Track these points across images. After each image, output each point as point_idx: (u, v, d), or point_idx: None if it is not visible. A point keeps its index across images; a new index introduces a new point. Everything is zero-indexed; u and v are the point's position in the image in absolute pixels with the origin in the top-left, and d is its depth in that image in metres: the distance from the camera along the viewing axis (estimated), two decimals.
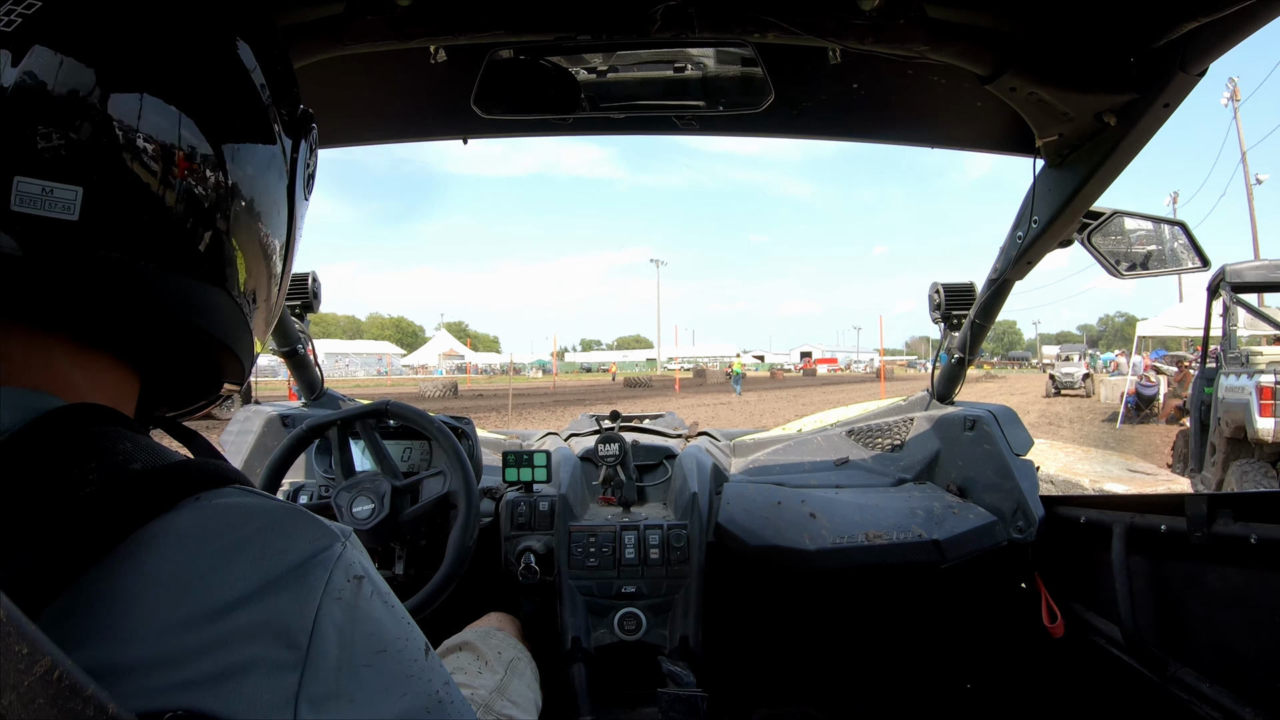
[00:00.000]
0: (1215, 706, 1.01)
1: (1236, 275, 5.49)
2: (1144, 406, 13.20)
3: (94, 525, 0.35)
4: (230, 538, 0.38)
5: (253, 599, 0.36)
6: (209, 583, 0.36)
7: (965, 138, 1.43)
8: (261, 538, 0.38)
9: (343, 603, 0.38)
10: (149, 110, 0.42)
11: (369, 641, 0.39)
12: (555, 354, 69.27)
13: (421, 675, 0.41)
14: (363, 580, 0.40)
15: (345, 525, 0.44)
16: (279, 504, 0.41)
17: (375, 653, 0.39)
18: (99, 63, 0.41)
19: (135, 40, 0.43)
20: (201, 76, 0.46)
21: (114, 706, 0.29)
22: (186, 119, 0.44)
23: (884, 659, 1.77)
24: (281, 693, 0.35)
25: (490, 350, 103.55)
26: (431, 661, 0.42)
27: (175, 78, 0.44)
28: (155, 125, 0.43)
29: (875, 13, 0.97)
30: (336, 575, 0.39)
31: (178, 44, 0.45)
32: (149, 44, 0.44)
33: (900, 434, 1.75)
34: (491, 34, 1.01)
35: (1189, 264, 1.44)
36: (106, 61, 0.41)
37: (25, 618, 0.29)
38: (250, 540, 0.38)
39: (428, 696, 0.40)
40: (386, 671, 0.39)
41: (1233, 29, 0.89)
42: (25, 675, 0.28)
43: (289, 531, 0.39)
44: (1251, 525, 0.95)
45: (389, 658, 0.39)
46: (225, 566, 0.37)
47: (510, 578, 1.46)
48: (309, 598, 0.37)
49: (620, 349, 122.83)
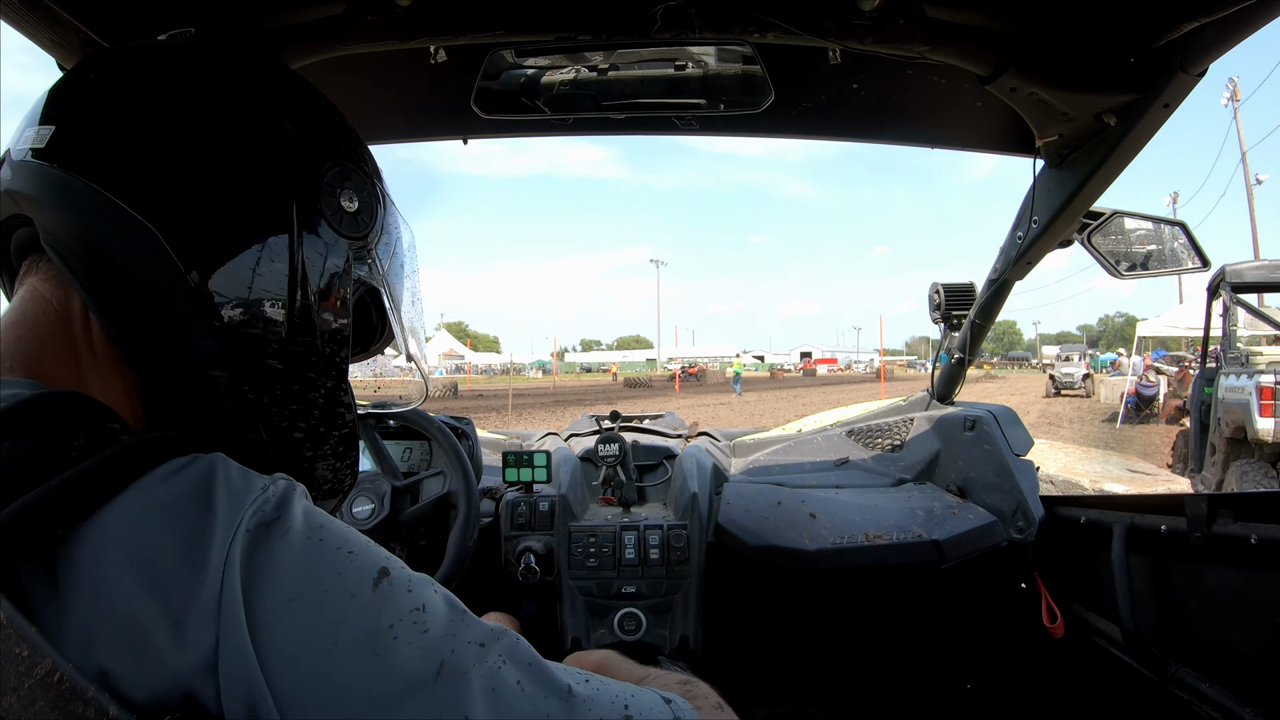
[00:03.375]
0: (1215, 706, 1.01)
1: (1236, 275, 5.49)
2: (1144, 407, 13.19)
3: (77, 484, 0.35)
4: (158, 507, 0.37)
5: (172, 569, 0.36)
6: (133, 553, 0.36)
7: (965, 138, 1.43)
8: (183, 503, 0.38)
9: (245, 556, 0.36)
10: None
11: (280, 590, 0.36)
12: (555, 354, 69.27)
13: (362, 612, 0.37)
14: (274, 524, 0.38)
15: (282, 475, 0.43)
16: (209, 462, 0.40)
17: (287, 602, 0.36)
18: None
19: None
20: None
21: (114, 708, 0.29)
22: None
23: (884, 659, 1.77)
24: (195, 654, 0.34)
25: (490, 350, 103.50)
26: (386, 591, 0.38)
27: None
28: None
29: (875, 13, 0.97)
30: (242, 528, 0.37)
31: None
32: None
33: (900, 434, 1.75)
34: (491, 34, 1.01)
35: (1189, 264, 1.44)
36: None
37: (25, 620, 0.29)
38: (172, 506, 0.38)
39: (370, 634, 0.37)
40: (301, 619, 0.36)
41: (1233, 29, 0.89)
42: (26, 677, 0.28)
43: (208, 491, 0.38)
44: (1251, 525, 0.95)
45: (304, 604, 0.36)
46: (150, 536, 0.36)
47: (510, 578, 1.46)
48: (215, 560, 0.36)
49: (620, 349, 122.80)
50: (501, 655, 0.40)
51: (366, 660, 0.36)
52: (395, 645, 0.37)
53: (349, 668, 0.35)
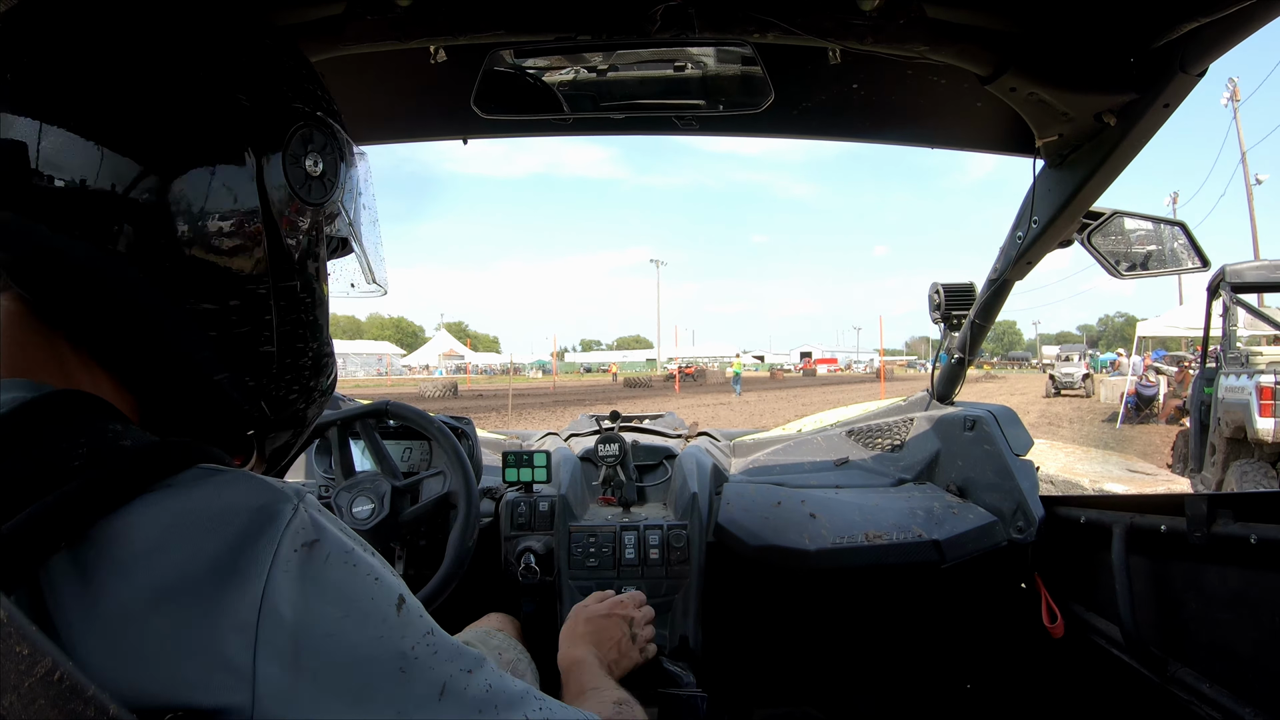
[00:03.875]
0: (1215, 706, 1.01)
1: (1236, 275, 5.49)
2: (1144, 407, 13.19)
3: (81, 495, 0.35)
4: (187, 517, 0.37)
5: (203, 581, 0.36)
6: (161, 565, 0.36)
7: (965, 138, 1.43)
8: (214, 515, 0.38)
9: (291, 574, 0.38)
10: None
11: (329, 609, 0.38)
12: (555, 354, 69.28)
13: (391, 634, 0.40)
14: (316, 544, 0.39)
15: (298, 485, 0.44)
16: (234, 477, 0.40)
17: (337, 619, 0.38)
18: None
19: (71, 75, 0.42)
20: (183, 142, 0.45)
21: (114, 707, 0.29)
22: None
23: (884, 659, 1.77)
24: (239, 678, 0.35)
25: (490, 350, 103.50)
26: (406, 616, 0.42)
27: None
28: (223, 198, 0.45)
29: (875, 13, 0.97)
30: (284, 546, 0.38)
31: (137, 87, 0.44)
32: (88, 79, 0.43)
33: (900, 434, 1.75)
34: (491, 34, 1.01)
35: (1189, 264, 1.44)
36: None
37: (26, 619, 0.29)
38: (202, 518, 0.37)
39: (399, 655, 0.40)
40: (348, 639, 0.38)
41: (1233, 29, 0.89)
42: (26, 676, 0.28)
43: (239, 506, 0.39)
44: (1251, 525, 0.95)
45: (352, 622, 0.39)
46: (178, 548, 0.36)
47: (510, 578, 1.46)
48: (256, 574, 0.37)
49: (620, 349, 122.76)
50: (470, 672, 0.44)
51: (395, 679, 0.39)
52: (416, 665, 0.40)
53: (384, 686, 0.38)
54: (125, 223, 0.43)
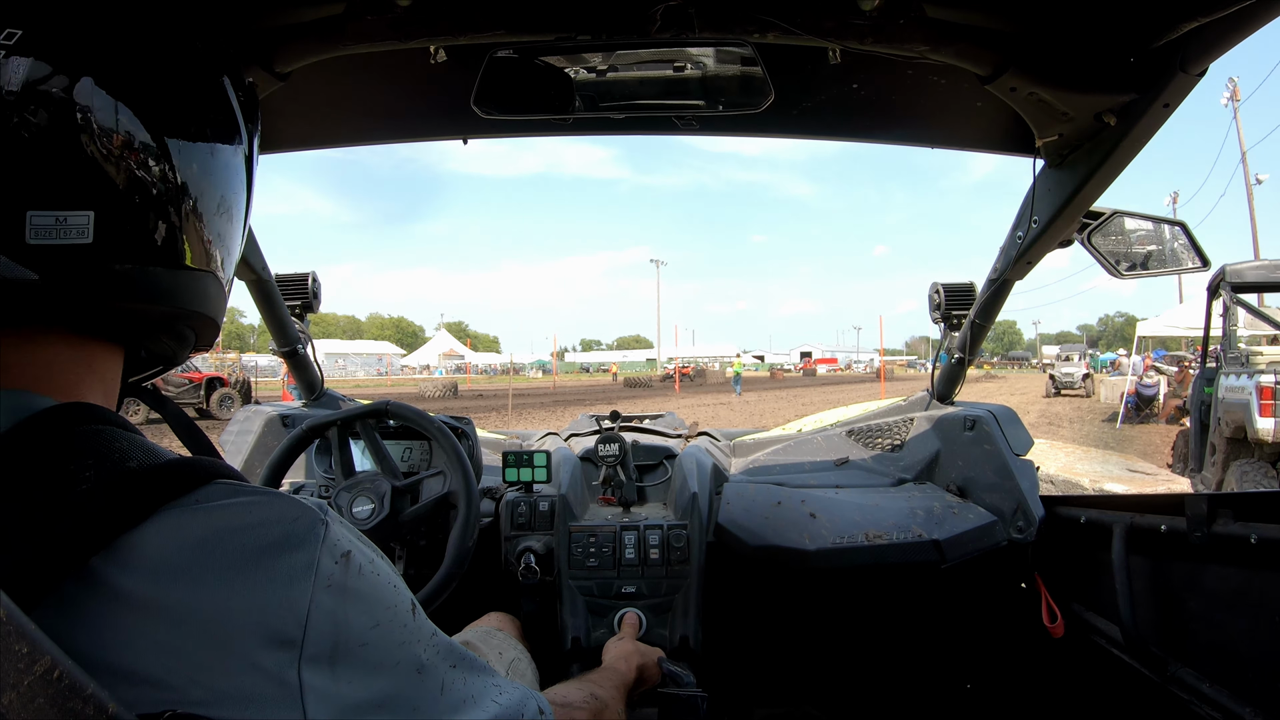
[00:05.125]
0: (1215, 706, 1.01)
1: (1236, 275, 5.49)
2: (1144, 406, 13.19)
3: (90, 521, 0.35)
4: (219, 536, 0.38)
5: (239, 595, 0.36)
6: (194, 582, 0.36)
7: (965, 138, 1.43)
8: (246, 533, 0.38)
9: (333, 588, 0.39)
10: (127, 122, 0.44)
11: (363, 619, 0.40)
12: (555, 354, 69.27)
13: (410, 640, 0.43)
14: (349, 557, 0.41)
15: (320, 501, 0.46)
16: (261, 496, 0.41)
17: (370, 628, 0.41)
18: (87, 78, 0.42)
19: (117, 56, 0.45)
20: (175, 87, 0.48)
21: (113, 706, 0.29)
22: (167, 127, 0.46)
23: (884, 659, 1.77)
24: (284, 691, 0.36)
25: (490, 350, 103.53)
26: (419, 620, 0.45)
27: (152, 91, 0.46)
28: (140, 137, 0.44)
29: (875, 13, 0.97)
30: (324, 561, 0.39)
31: (153, 58, 0.47)
32: (128, 59, 0.45)
33: (900, 434, 1.75)
34: (491, 34, 1.01)
35: (1189, 264, 1.44)
36: (94, 78, 0.42)
37: (25, 617, 0.29)
38: (235, 537, 0.38)
39: (416, 659, 0.43)
40: (381, 644, 0.41)
41: (1233, 29, 0.89)
42: (25, 674, 0.28)
43: (271, 524, 0.39)
44: (1251, 525, 0.95)
45: (382, 630, 0.41)
46: (211, 567, 0.37)
47: (510, 578, 1.46)
48: (299, 591, 0.38)
49: (620, 349, 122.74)
50: (454, 667, 0.48)
51: (414, 678, 0.42)
52: (430, 665, 0.44)
53: (405, 690, 0.41)
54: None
